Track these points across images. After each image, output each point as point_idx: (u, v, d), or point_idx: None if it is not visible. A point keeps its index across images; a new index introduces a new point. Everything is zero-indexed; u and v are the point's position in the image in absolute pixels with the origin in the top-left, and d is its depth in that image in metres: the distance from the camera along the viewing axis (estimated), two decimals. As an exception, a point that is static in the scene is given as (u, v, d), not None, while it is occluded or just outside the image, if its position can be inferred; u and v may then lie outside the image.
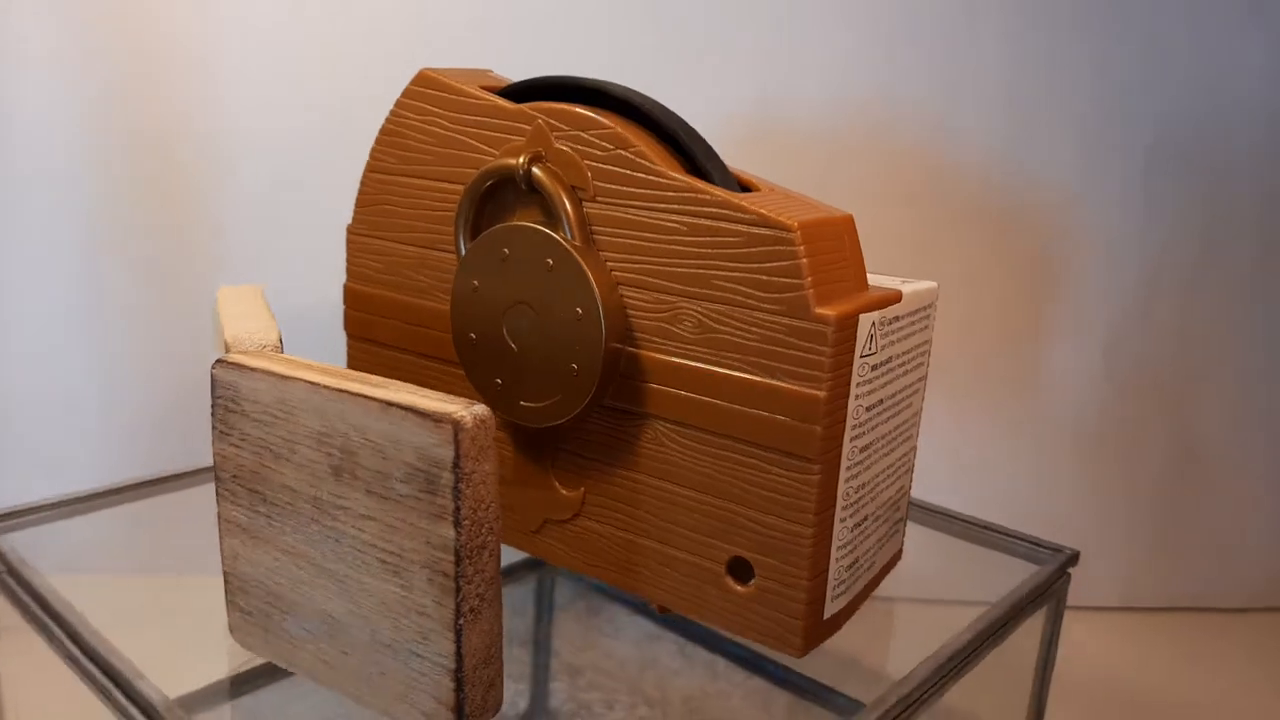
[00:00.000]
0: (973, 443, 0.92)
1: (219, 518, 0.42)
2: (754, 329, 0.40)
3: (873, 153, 0.85)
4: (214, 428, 0.41)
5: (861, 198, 0.43)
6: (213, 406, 0.40)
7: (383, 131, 0.51)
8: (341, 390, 0.36)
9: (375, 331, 0.54)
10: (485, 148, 0.47)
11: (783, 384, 0.40)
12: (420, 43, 0.82)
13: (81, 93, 0.80)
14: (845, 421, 0.40)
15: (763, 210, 0.39)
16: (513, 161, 0.45)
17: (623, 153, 0.43)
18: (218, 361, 0.40)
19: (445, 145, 0.48)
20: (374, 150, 0.52)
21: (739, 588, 0.43)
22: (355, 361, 0.55)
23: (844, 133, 0.84)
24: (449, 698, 0.36)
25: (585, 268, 0.43)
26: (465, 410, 0.34)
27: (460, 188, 0.48)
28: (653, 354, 0.43)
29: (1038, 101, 0.85)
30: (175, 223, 0.83)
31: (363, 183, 0.53)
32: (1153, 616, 0.95)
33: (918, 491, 0.79)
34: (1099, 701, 0.82)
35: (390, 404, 0.35)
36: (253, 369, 0.39)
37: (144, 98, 0.81)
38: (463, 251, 0.47)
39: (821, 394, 0.39)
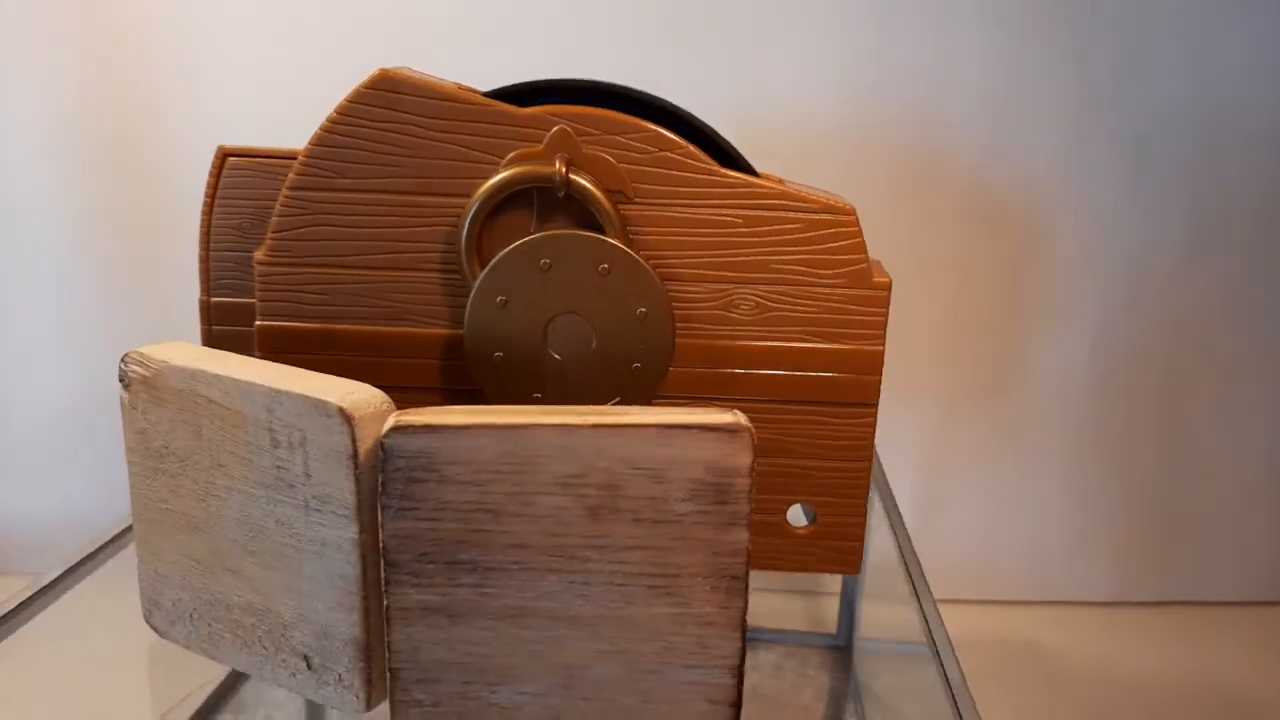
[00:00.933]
0: (962, 437, 0.92)
1: (388, 610, 0.36)
2: (814, 303, 0.46)
3: (858, 148, 0.83)
4: (385, 507, 0.35)
5: (846, 193, 0.47)
6: (383, 483, 0.34)
7: (317, 143, 0.44)
8: (601, 425, 0.34)
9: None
10: (485, 155, 0.44)
11: (846, 346, 0.46)
12: (401, 39, 0.76)
13: (59, 101, 0.82)
14: (877, 368, 0.48)
15: (819, 198, 0.45)
16: (548, 168, 0.43)
17: (670, 154, 0.44)
18: (393, 430, 0.34)
19: (423, 155, 0.44)
20: (301, 165, 0.44)
21: (800, 531, 0.49)
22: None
23: (829, 128, 0.83)
24: (729, 695, 0.37)
25: (648, 268, 0.44)
26: (741, 417, 0.35)
27: (447, 200, 0.45)
28: (704, 341, 0.46)
29: (1024, 96, 0.84)
30: (156, 230, 0.85)
31: (278, 204, 0.45)
32: (1146, 610, 0.94)
33: (913, 486, 0.90)
34: (1094, 694, 0.83)
35: (669, 426, 0.35)
36: (458, 427, 0.34)
37: (121, 103, 0.82)
38: (472, 268, 0.44)
39: (881, 349, 0.46)
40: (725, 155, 0.46)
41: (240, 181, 0.49)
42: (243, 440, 0.38)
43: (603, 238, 0.44)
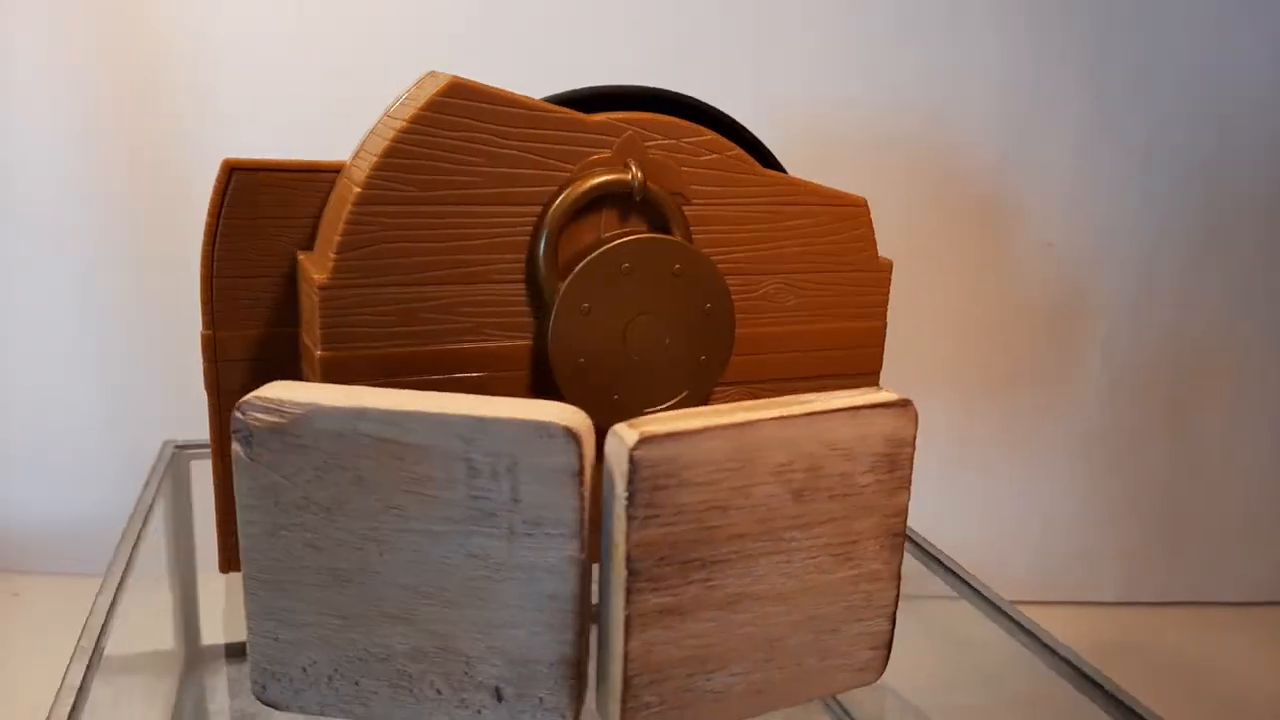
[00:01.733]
0: (973, 441, 0.90)
1: (628, 620, 0.36)
2: (834, 287, 0.51)
3: (869, 152, 0.80)
4: (631, 518, 0.35)
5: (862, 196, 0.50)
6: (630, 495, 0.35)
7: (386, 155, 0.41)
8: (810, 414, 0.37)
9: (365, 401, 0.44)
10: (557, 164, 0.44)
11: (857, 324, 0.52)
12: (425, 54, 0.68)
13: (78, 110, 0.81)
14: (868, 339, 0.55)
15: (839, 192, 0.50)
16: (626, 175, 0.44)
17: (721, 156, 0.47)
18: (641, 441, 0.34)
19: (499, 164, 0.43)
20: (369, 179, 0.41)
21: (818, 492, 0.54)
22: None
23: (842, 132, 0.79)
24: (884, 639, 0.42)
25: (714, 265, 0.47)
26: (895, 392, 0.40)
27: (520, 209, 0.44)
28: (746, 330, 0.50)
29: (1038, 101, 0.83)
30: (175, 240, 0.82)
31: (344, 221, 0.41)
32: (1154, 611, 0.95)
33: (922, 486, 0.89)
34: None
35: (860, 408, 0.38)
36: (696, 431, 0.35)
37: (142, 115, 0.81)
38: (550, 277, 0.44)
39: (884, 323, 0.53)
40: (760, 154, 0.50)
41: (250, 199, 0.44)
42: (425, 476, 0.36)
43: (676, 239, 0.46)
